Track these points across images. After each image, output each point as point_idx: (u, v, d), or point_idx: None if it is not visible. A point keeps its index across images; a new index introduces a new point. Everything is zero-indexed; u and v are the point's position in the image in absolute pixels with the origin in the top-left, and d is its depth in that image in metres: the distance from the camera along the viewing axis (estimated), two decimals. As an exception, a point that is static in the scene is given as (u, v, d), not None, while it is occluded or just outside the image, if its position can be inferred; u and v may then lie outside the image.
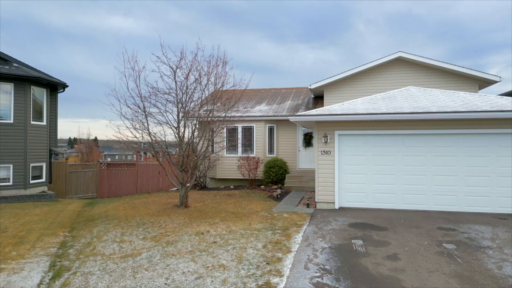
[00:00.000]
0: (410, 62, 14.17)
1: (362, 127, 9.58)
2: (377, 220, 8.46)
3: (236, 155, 15.23)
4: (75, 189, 16.30)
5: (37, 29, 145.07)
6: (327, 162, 9.79)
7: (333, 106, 10.20)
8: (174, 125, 10.45)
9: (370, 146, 9.65)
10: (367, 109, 9.49)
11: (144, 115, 10.25)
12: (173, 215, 9.80)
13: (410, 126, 9.24)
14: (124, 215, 10.09)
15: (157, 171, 16.46)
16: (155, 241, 7.48)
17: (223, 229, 8.15)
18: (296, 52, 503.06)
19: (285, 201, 11.17)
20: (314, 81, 14.81)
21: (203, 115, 10.87)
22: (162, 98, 10.47)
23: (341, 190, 9.78)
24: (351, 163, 9.76)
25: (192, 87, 10.54)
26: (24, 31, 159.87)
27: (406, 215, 8.93)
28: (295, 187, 13.61)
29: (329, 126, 9.78)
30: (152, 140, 10.26)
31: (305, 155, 15.52)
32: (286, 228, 7.93)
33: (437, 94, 10.49)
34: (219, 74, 10.80)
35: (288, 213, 9.43)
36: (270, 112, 15.69)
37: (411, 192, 9.40)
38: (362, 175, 9.70)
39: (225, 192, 13.48)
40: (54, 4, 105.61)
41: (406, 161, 9.45)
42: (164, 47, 10.44)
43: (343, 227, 7.87)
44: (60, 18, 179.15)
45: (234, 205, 10.81)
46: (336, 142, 9.73)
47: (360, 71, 14.44)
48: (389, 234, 7.31)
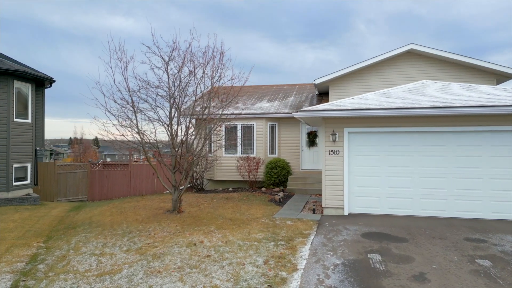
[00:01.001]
0: (422, 55, 13.17)
1: (375, 124, 8.58)
2: (393, 229, 7.45)
3: (235, 155, 14.24)
4: (64, 191, 15.33)
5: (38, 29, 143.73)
6: (335, 163, 8.79)
7: (342, 101, 9.21)
8: (166, 122, 9.47)
9: (384, 145, 8.65)
10: (381, 103, 8.49)
11: (132, 111, 9.26)
12: (164, 221, 8.81)
13: (430, 122, 8.24)
14: (110, 221, 9.10)
15: (152, 172, 15.47)
16: (140, 253, 6.50)
17: (218, 239, 7.16)
18: (296, 52, 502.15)
19: (288, 206, 10.17)
20: (318, 76, 13.82)
21: (199, 112, 9.88)
22: (153, 92, 9.49)
23: (351, 194, 8.78)
24: (362, 164, 8.76)
25: (186, 80, 9.56)
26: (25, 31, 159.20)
27: (425, 223, 7.93)
28: (298, 189, 12.61)
29: (338, 123, 8.78)
30: (141, 139, 9.27)
31: (309, 155, 14.51)
32: (291, 239, 6.93)
33: (457, 87, 9.48)
34: (216, 66, 9.82)
35: (292, 220, 8.43)
36: (271, 109, 14.70)
37: (430, 197, 8.40)
38: (374, 178, 8.70)
39: (223, 195, 12.49)
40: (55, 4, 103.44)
41: (424, 162, 8.45)
42: (156, 37, 9.48)
43: (356, 238, 6.86)
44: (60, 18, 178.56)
45: (232, 210, 9.82)
46: (346, 140, 8.73)
47: (368, 65, 13.44)
48: (410, 247, 6.30)
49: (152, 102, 9.36)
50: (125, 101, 9.18)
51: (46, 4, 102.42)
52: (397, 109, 7.93)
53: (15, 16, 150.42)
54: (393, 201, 8.58)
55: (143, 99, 9.41)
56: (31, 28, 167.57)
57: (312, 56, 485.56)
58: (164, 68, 9.27)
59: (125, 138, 9.23)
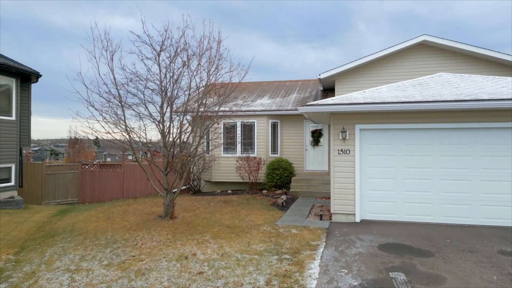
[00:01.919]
0: (435, 47, 12.22)
1: (390, 120, 7.64)
2: (414, 239, 6.51)
3: (234, 155, 13.31)
4: (53, 194, 14.42)
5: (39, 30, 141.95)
6: (345, 164, 7.86)
7: (353, 94, 8.28)
8: (157, 118, 8.55)
9: (400, 143, 7.71)
10: (397, 97, 7.55)
11: (120, 106, 8.34)
12: (154, 229, 7.90)
13: (453, 118, 7.31)
14: (94, 228, 8.19)
15: (150, 173, 14.44)
16: (122, 269, 5.58)
17: (214, 251, 6.25)
18: (297, 52, 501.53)
19: (292, 211, 9.24)
20: (323, 70, 12.89)
21: (193, 107, 8.97)
22: (142, 85, 8.57)
23: (363, 198, 7.84)
24: (375, 165, 7.83)
25: (179, 72, 8.64)
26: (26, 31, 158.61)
27: (448, 231, 6.99)
28: (302, 192, 11.68)
29: (348, 119, 7.85)
30: (129, 136, 8.35)
31: (314, 155, 13.58)
32: (297, 251, 6.01)
33: (479, 80, 8.54)
34: (213, 57, 8.89)
35: (298, 228, 7.50)
36: (273, 106, 13.77)
37: (453, 202, 7.46)
38: (389, 180, 7.77)
39: (221, 198, 11.57)
40: (55, 4, 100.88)
41: (445, 162, 7.51)
42: (146, 24, 8.56)
43: (373, 251, 5.93)
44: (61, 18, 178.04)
45: (231, 216, 8.90)
46: (357, 138, 7.80)
47: (378, 58, 12.50)
48: (438, 262, 5.37)
49: (141, 96, 8.44)
50: (111, 95, 8.27)
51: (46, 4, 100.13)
52: (416, 102, 6.99)
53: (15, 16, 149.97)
54: (411, 206, 7.64)
55: (133, 93, 8.50)
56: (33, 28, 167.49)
57: (312, 56, 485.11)
58: (155, 58, 8.36)
59: (112, 136, 8.31)
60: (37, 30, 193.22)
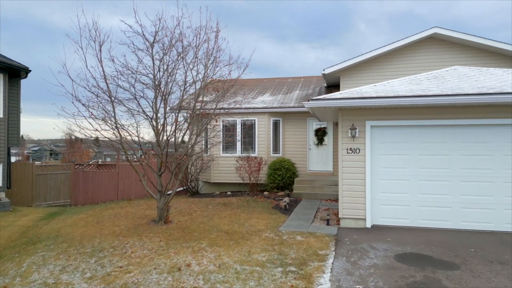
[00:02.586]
0: (447, 41, 11.57)
1: (405, 116, 6.98)
2: (434, 248, 5.84)
3: (234, 155, 12.65)
4: (44, 195, 13.77)
5: (39, 29, 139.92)
6: (355, 164, 7.19)
7: (363, 88, 7.61)
8: (150, 115, 7.88)
9: (415, 141, 7.05)
10: (412, 90, 6.89)
11: (109, 101, 7.68)
12: (146, 235, 7.24)
13: (474, 113, 6.64)
14: (80, 234, 7.53)
15: (143, 173, 13.77)
16: (106, 283, 4.93)
17: (210, 261, 5.59)
18: (297, 52, 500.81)
19: (296, 214, 8.57)
20: (328, 65, 12.24)
21: (189, 103, 8.31)
22: (134, 79, 7.90)
23: (374, 202, 7.18)
24: (387, 165, 7.17)
25: (173, 65, 7.98)
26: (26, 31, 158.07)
27: (470, 239, 6.32)
28: (306, 194, 11.01)
29: (358, 115, 7.19)
30: (119, 134, 7.69)
31: (317, 154, 12.92)
32: (303, 263, 5.34)
33: (499, 73, 7.87)
34: (210, 49, 8.24)
35: (303, 234, 6.83)
36: (275, 103, 13.10)
37: (473, 205, 6.80)
38: (403, 182, 7.10)
39: (220, 200, 10.90)
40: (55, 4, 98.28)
41: (465, 162, 6.85)
42: (138, 14, 7.90)
43: (389, 262, 5.26)
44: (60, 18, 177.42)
45: (230, 220, 8.23)
46: (368, 136, 7.14)
47: (385, 52, 11.85)
48: (465, 276, 4.70)
49: (133, 90, 7.78)
50: (100, 89, 7.60)
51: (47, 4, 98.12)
52: (435, 96, 6.32)
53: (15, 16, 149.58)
54: (427, 210, 6.97)
55: (123, 87, 7.84)
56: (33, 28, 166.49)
57: (312, 56, 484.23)
58: (146, 49, 7.70)
59: (100, 134, 7.65)
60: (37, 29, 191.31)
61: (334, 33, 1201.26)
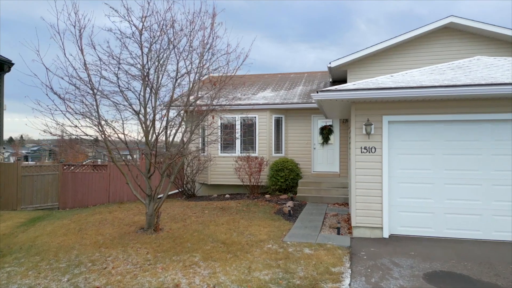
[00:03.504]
0: (463, 31, 10.68)
1: (428, 110, 6.09)
2: (467, 264, 4.94)
3: (233, 155, 11.75)
4: (30, 198, 12.87)
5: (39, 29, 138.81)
6: (370, 165, 6.29)
7: (379, 78, 6.72)
8: (137, 109, 6.99)
9: (440, 139, 6.15)
10: (436, 80, 5.99)
11: (92, 93, 6.79)
12: (132, 246, 6.35)
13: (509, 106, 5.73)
14: (58, 245, 6.64)
15: (136, 175, 12.82)
16: (75, 310, 4.03)
17: (203, 280, 4.71)
18: (297, 52, 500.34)
19: (301, 221, 7.67)
20: (334, 58, 11.33)
21: (181, 96, 7.42)
22: (119, 68, 7.01)
23: (393, 208, 6.28)
24: (408, 166, 6.27)
25: (164, 55, 7.10)
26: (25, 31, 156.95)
27: (507, 252, 5.42)
28: (311, 197, 10.11)
29: (374, 109, 6.29)
30: (103, 130, 6.79)
31: (323, 154, 12.02)
32: (314, 284, 4.45)
33: (532, 62, 6.96)
34: (206, 37, 7.35)
35: (311, 246, 5.92)
36: (277, 99, 12.20)
37: (508, 213, 5.89)
38: (426, 186, 6.20)
39: (217, 204, 10.00)
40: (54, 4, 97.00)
41: (499, 163, 5.95)
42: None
43: (419, 284, 4.36)
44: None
45: (227, 228, 7.34)
46: (385, 133, 6.24)
47: (394, 44, 10.96)
48: (517, 305, 3.80)
49: (117, 81, 6.88)
50: (82, 81, 6.70)
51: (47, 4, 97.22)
52: (471, 86, 5.40)
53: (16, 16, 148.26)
54: (454, 218, 6.07)
55: (109, 79, 6.93)
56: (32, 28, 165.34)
57: (312, 56, 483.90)
58: (132, 34, 6.80)
59: (81, 130, 6.75)
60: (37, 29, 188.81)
61: (334, 33, 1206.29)
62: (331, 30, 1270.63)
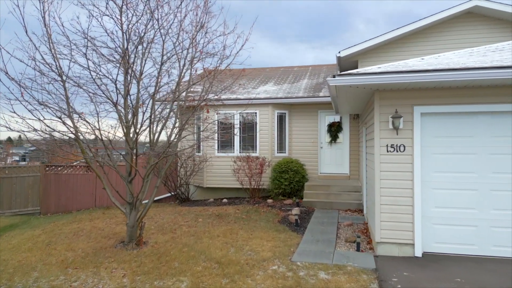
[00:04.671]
0: (488, 16, 9.54)
1: (471, 99, 4.93)
2: (537, 298, 3.78)
3: (231, 154, 10.57)
4: (9, 202, 11.70)
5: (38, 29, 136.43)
6: (398, 167, 5.13)
7: (408, 61, 5.56)
8: (113, 99, 5.82)
9: (484, 135, 4.99)
10: (483, 61, 4.83)
11: (60, 81, 5.62)
12: (107, 265, 5.18)
13: None
14: (18, 263, 5.47)
15: (115, 178, 11.57)
16: None
17: (190, 321, 3.53)
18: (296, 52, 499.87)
19: (311, 233, 6.50)
20: (344, 47, 10.17)
21: (167, 83, 6.26)
22: (95, 51, 5.84)
23: (426, 220, 5.12)
24: (445, 168, 5.11)
25: (148, 36, 5.94)
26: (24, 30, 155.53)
27: None
28: (319, 202, 8.94)
29: (403, 98, 5.14)
30: (74, 124, 5.63)
31: (331, 154, 10.85)
32: (339, 329, 3.27)
33: None
34: (198, 17, 6.20)
35: (327, 268, 4.75)
36: (280, 94, 11.03)
37: None
38: (468, 192, 5.04)
39: (213, 210, 8.83)
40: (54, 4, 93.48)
41: (559, 164, 4.78)
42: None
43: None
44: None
45: (224, 241, 6.16)
46: (417, 128, 5.08)
47: (410, 31, 9.80)
48: None
49: (88, 63, 5.71)
50: (47, 65, 5.53)
51: None
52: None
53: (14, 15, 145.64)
54: (503, 233, 4.91)
55: (82, 64, 5.77)
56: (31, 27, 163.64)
57: (311, 56, 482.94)
58: (113, 15, 5.64)
59: (48, 126, 5.58)
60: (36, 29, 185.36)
61: (333, 33, 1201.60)
62: (330, 30, 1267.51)
